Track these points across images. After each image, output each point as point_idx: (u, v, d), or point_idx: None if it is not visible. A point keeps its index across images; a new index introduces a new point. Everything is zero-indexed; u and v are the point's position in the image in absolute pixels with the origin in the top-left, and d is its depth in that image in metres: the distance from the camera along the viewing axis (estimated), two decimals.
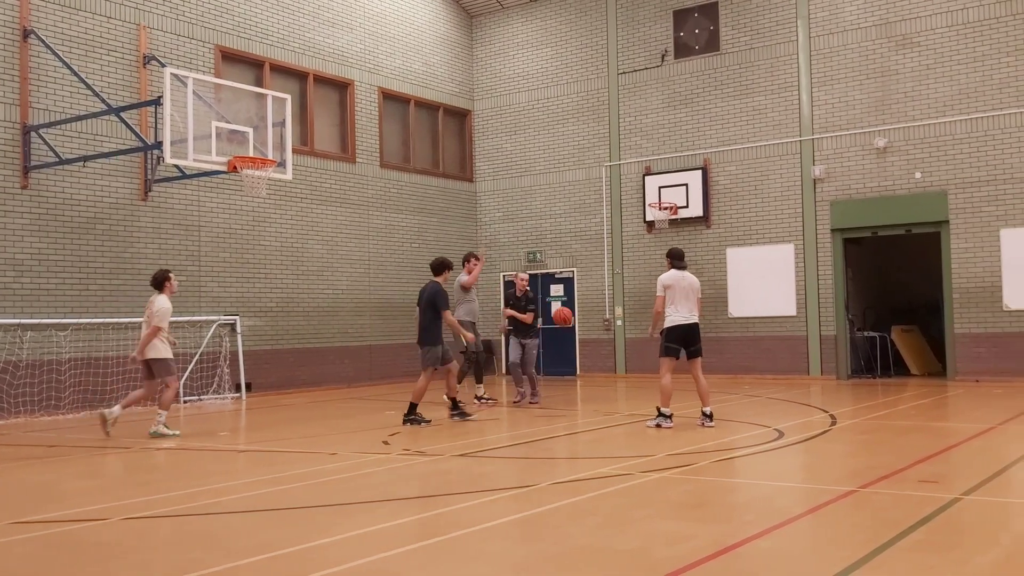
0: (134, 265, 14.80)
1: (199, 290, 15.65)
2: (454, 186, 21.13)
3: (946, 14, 16.46)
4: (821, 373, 17.35)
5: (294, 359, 17.08)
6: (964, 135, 16.23)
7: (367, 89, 19.11)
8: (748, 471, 8.00)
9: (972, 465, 7.89)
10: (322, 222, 17.95)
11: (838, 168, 17.34)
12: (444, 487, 7.10)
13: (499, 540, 5.46)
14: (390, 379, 18.85)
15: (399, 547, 5.23)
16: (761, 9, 18.28)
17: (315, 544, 5.34)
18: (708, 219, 18.58)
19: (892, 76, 16.88)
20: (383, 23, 19.60)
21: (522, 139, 21.09)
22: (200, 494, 7.07)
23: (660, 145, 19.29)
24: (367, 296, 18.73)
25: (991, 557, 4.81)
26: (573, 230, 20.37)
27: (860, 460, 8.30)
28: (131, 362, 11.57)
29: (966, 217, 16.19)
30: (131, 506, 6.62)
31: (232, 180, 15.45)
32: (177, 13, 15.71)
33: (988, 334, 15.97)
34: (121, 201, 14.76)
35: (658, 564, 4.78)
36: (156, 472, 8.41)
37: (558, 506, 6.34)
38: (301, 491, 7.15)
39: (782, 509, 6.18)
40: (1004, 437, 9.51)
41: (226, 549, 5.34)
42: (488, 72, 21.63)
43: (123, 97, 14.70)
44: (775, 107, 18.03)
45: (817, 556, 5.01)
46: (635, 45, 19.70)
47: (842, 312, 17.39)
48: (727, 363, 18.13)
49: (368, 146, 19.08)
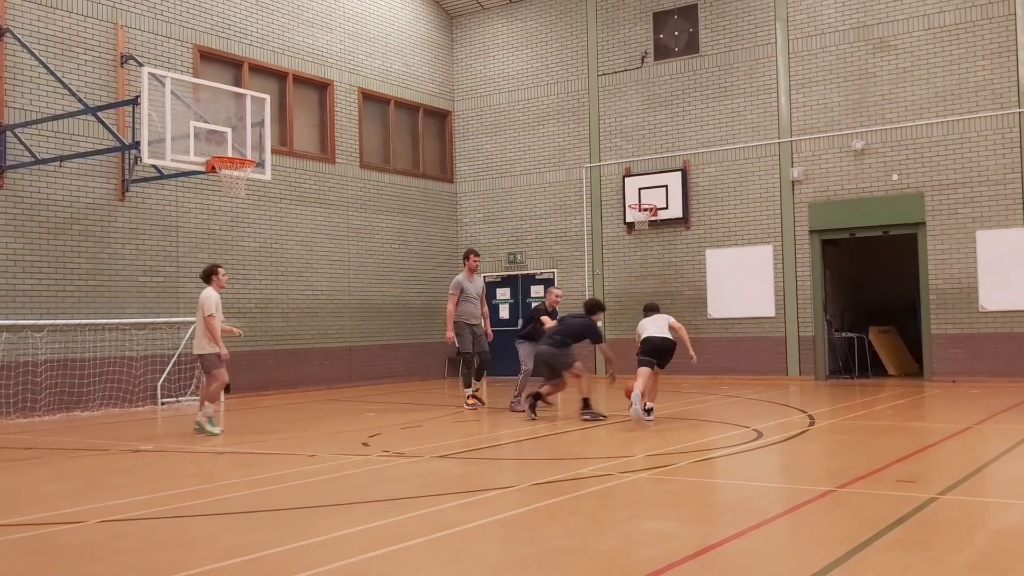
0: (111, 266, 14.69)
1: (177, 291, 15.54)
2: (434, 187, 21.10)
3: (922, 17, 16.61)
4: (799, 374, 17.45)
5: (273, 360, 17.00)
6: (940, 137, 16.38)
7: (347, 89, 19.06)
8: (727, 471, 8.03)
9: (949, 465, 7.96)
10: (301, 223, 17.88)
11: (816, 170, 17.45)
12: (424, 489, 7.09)
13: (479, 541, 5.46)
14: (369, 381, 18.81)
15: (379, 549, 5.21)
16: (740, 12, 18.37)
17: (294, 546, 5.32)
18: (688, 220, 18.65)
19: (869, 79, 17.01)
20: (363, 23, 19.55)
21: (502, 140, 21.09)
22: (178, 496, 7.02)
23: (640, 147, 19.35)
24: (346, 297, 18.68)
25: (967, 556, 4.85)
26: (553, 231, 20.39)
27: (838, 460, 8.35)
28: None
29: (942, 219, 16.33)
30: (108, 508, 6.57)
31: (210, 180, 15.36)
32: (155, 12, 15.61)
33: (964, 335, 16.12)
34: (98, 201, 14.64)
35: (638, 564, 4.79)
36: (134, 474, 8.35)
37: (538, 507, 6.34)
38: (280, 493, 7.11)
39: (761, 509, 6.21)
40: (980, 437, 9.60)
41: (204, 552, 5.30)
42: (468, 73, 21.62)
43: (100, 96, 14.59)
44: (754, 109, 18.13)
45: (796, 556, 5.03)
46: (615, 47, 19.75)
47: (820, 313, 17.50)
48: (706, 364, 18.13)
49: (348, 146, 19.03)
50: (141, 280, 15.09)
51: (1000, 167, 15.89)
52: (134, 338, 14.78)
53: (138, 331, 14.82)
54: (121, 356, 14.57)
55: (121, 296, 14.81)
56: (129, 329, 14.73)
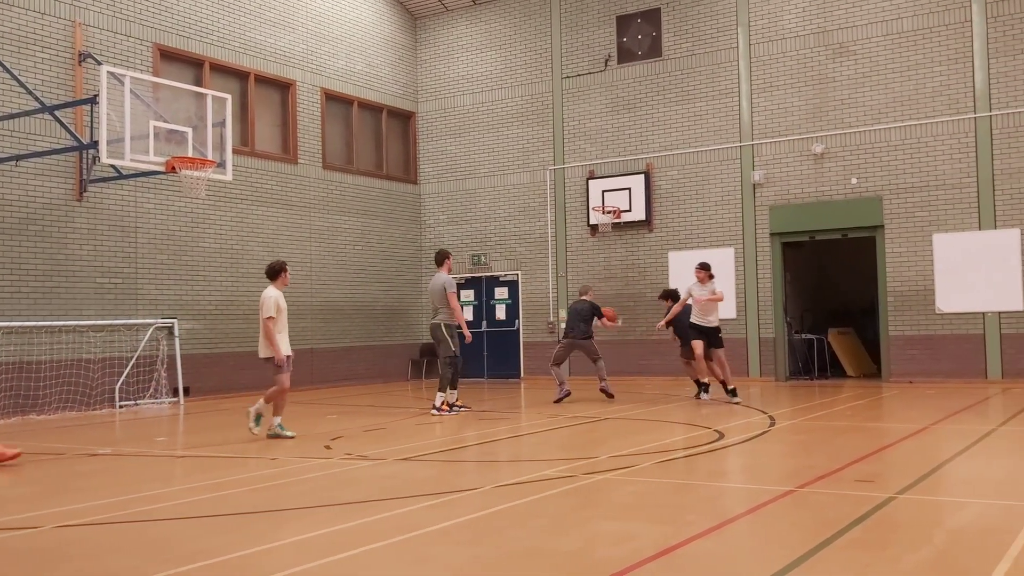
0: (68, 267, 14.47)
1: (136, 293, 15.35)
2: (398, 188, 21.03)
3: (881, 23, 16.85)
4: (760, 375, 17.62)
5: (233, 363, 16.83)
6: (898, 142, 16.63)
7: (309, 90, 18.94)
8: (689, 472, 8.09)
9: (906, 464, 8.07)
10: (263, 224, 17.74)
11: (777, 173, 17.64)
12: (387, 491, 7.06)
13: (443, 544, 5.44)
14: (332, 383, 18.69)
15: (342, 552, 5.18)
16: (703, 16, 18.52)
17: (255, 550, 5.27)
18: (651, 223, 18.75)
19: (829, 84, 17.23)
20: (326, 23, 19.44)
21: (466, 142, 21.08)
22: (137, 500, 6.93)
23: (604, 149, 19.43)
24: (309, 299, 18.55)
25: (924, 554, 4.92)
26: (517, 233, 20.41)
27: (798, 460, 8.44)
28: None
29: (900, 222, 16.58)
30: (65, 513, 6.46)
31: (170, 181, 15.20)
32: (114, 10, 15.40)
33: (921, 336, 16.37)
34: (55, 201, 14.42)
35: (601, 565, 4.81)
36: (91, 479, 8.22)
37: (502, 509, 6.34)
38: (241, 497, 7.04)
39: (723, 509, 6.25)
40: (937, 437, 9.75)
41: (163, 556, 5.23)
42: (432, 74, 21.58)
43: (57, 95, 14.37)
44: (716, 113, 18.28)
45: (757, 555, 5.08)
46: (579, 50, 19.82)
47: (780, 315, 17.68)
48: (669, 365, 18.30)
49: (310, 147, 18.91)
50: (99, 281, 14.88)
51: (956, 171, 16.16)
52: (92, 340, 14.57)
53: (96, 333, 14.61)
54: (78, 358, 14.36)
55: (79, 298, 14.59)
56: (87, 331, 14.52)
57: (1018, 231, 15.64)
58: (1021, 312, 15.58)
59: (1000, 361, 15.72)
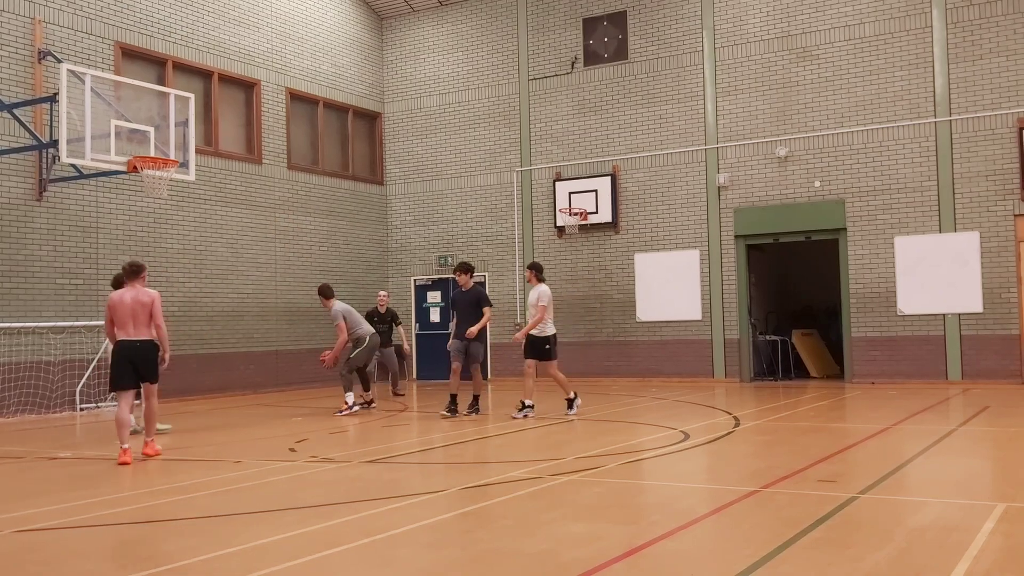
0: (27, 268, 14.24)
1: (97, 294, 15.12)
2: (364, 189, 20.93)
3: (843, 28, 17.04)
4: (725, 376, 17.74)
5: (197, 365, 16.65)
6: (860, 146, 16.82)
7: (274, 89, 18.80)
8: (655, 473, 8.12)
9: (868, 464, 8.16)
10: (227, 224, 17.57)
11: (741, 176, 17.77)
12: (352, 494, 7.01)
13: (408, 546, 5.42)
14: (297, 385, 18.56)
15: (306, 555, 5.14)
16: (668, 19, 18.62)
17: (219, 554, 5.21)
18: (617, 225, 18.82)
19: (793, 88, 17.39)
20: (291, 23, 19.31)
21: (433, 143, 21.03)
22: (98, 504, 6.83)
23: (570, 151, 19.48)
24: (273, 300, 18.40)
25: (886, 553, 4.97)
26: (484, 235, 20.39)
27: (762, 461, 8.51)
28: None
29: (862, 225, 16.77)
30: (24, 518, 6.35)
31: (132, 180, 15.01)
32: (75, 8, 15.19)
33: (883, 338, 16.57)
34: (14, 201, 14.18)
35: (567, 566, 4.81)
36: (51, 483, 8.09)
37: (467, 511, 6.32)
38: (205, 500, 6.97)
39: (687, 510, 6.29)
40: (899, 437, 9.87)
41: (125, 561, 5.16)
42: (399, 75, 21.51)
43: (16, 93, 14.14)
44: (681, 116, 18.39)
45: (721, 555, 5.11)
46: (545, 52, 19.85)
47: (745, 316, 17.82)
48: (635, 366, 18.40)
49: (275, 147, 18.76)
50: (59, 283, 14.66)
51: (917, 175, 16.38)
52: (52, 342, 14.34)
53: (56, 335, 14.39)
54: (38, 360, 14.13)
55: (38, 299, 14.36)
56: (46, 333, 14.29)
57: (977, 234, 15.88)
58: (980, 314, 15.82)
59: (960, 362, 15.95)
